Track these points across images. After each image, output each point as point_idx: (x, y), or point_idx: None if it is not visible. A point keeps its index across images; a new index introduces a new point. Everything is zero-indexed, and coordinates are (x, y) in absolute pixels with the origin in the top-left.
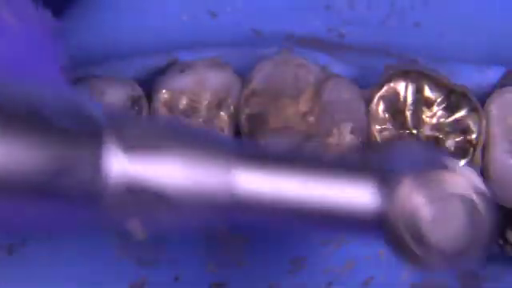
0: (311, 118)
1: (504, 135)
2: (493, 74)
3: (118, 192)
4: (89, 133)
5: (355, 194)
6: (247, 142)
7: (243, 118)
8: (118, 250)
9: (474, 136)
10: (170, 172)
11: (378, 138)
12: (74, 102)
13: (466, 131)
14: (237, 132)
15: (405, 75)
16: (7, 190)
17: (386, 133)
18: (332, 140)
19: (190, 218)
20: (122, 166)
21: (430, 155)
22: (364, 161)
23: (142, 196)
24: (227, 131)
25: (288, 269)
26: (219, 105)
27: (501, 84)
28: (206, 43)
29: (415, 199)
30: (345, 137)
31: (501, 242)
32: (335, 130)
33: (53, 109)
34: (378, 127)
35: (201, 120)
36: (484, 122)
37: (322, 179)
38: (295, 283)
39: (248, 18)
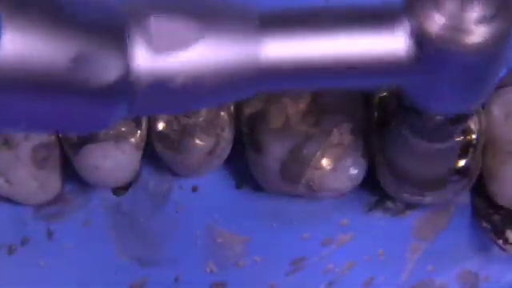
0: (311, 118)
1: (504, 135)
2: None
3: (145, 85)
4: (111, 26)
5: (386, 37)
6: (269, 8)
7: (243, 117)
8: (118, 250)
9: (474, 136)
10: (196, 54)
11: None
12: None
13: (465, 131)
14: (237, 132)
15: None
16: (26, 83)
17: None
18: (332, 140)
19: (218, 92)
20: (147, 58)
21: None
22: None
23: (169, 86)
24: (227, 131)
25: (288, 269)
26: (219, 105)
27: (501, 84)
28: None
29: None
30: (345, 137)
31: (501, 242)
32: (335, 130)
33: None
34: (378, 127)
35: (201, 120)
36: (484, 122)
37: (350, 32)
38: (295, 283)
39: None
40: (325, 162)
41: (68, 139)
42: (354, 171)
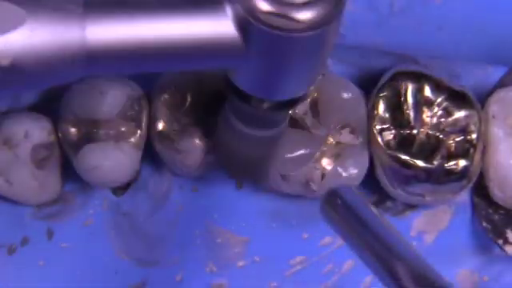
0: (311, 118)
1: (504, 135)
2: (493, 74)
3: None
4: None
5: (210, 21)
6: None
7: None
8: (118, 250)
9: (474, 136)
10: (21, 36)
11: (379, 139)
12: None
13: (465, 131)
14: None
15: (405, 75)
16: None
17: (386, 133)
18: (332, 140)
19: (43, 76)
20: None
21: None
22: None
23: None
24: None
25: (288, 269)
26: (219, 105)
27: (501, 84)
28: None
29: None
30: (345, 137)
31: (501, 242)
32: (335, 130)
33: None
34: (378, 127)
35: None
36: (484, 122)
37: (179, 14)
38: (295, 283)
39: None
40: (325, 162)
41: (68, 139)
42: (353, 171)
